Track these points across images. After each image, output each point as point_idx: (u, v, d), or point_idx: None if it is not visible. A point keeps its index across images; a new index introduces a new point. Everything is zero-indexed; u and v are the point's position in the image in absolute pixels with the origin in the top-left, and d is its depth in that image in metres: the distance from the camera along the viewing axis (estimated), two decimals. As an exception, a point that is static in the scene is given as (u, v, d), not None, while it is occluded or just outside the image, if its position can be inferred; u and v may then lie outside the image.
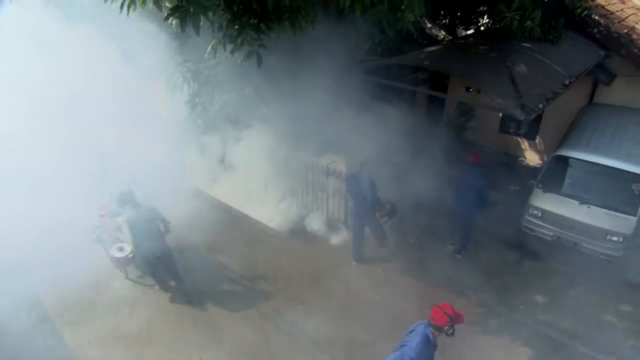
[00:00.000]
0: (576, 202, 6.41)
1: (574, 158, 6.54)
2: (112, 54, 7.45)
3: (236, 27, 3.80)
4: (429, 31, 8.87)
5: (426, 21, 8.47)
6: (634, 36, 7.99)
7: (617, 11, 9.57)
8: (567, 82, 5.85)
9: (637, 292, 6.25)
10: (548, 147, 9.18)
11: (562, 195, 6.54)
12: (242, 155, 7.87)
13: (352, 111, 6.19)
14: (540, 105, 4.90)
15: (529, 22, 5.56)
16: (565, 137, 7.23)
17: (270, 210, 7.90)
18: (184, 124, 7.70)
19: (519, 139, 9.83)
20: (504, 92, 4.83)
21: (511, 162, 9.72)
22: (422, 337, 3.50)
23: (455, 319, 3.50)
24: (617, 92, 8.32)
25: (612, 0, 10.79)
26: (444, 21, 8.69)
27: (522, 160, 9.95)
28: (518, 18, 5.44)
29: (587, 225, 6.29)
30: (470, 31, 8.77)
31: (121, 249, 6.21)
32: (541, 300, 6.17)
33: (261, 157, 7.65)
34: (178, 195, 7.63)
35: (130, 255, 6.16)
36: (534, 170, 9.11)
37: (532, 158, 9.85)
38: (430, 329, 3.54)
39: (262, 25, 3.65)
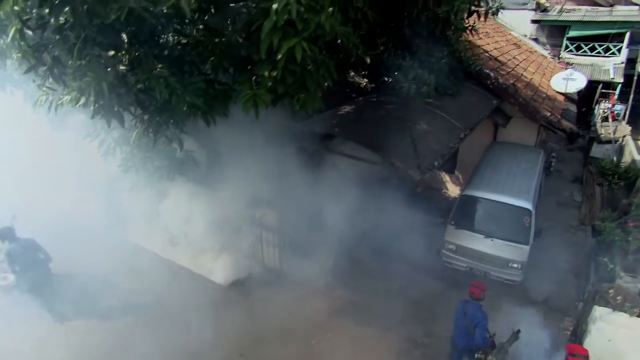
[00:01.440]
0: (482, 236, 7.31)
1: (477, 197, 7.48)
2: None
3: (156, 120, 4.23)
4: (351, 79, 9.71)
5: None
6: (519, 85, 9.35)
7: (509, 60, 11.10)
8: (462, 135, 6.78)
9: (542, 308, 7.15)
10: (465, 179, 10.27)
11: (471, 230, 7.42)
12: (178, 210, 8.10)
13: (280, 169, 6.71)
14: (436, 163, 5.71)
15: (425, 88, 6.41)
16: (472, 176, 8.22)
17: (207, 261, 8.11)
18: (121, 182, 7.89)
19: (440, 174, 10.87)
20: (405, 154, 5.58)
21: (435, 195, 10.67)
22: (479, 308, 5.14)
23: (485, 289, 5.22)
24: (513, 131, 9.60)
25: (507, 49, 12.49)
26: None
27: (445, 192, 10.97)
28: (414, 86, 6.26)
29: (493, 255, 7.21)
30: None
31: (4, 278, 7.04)
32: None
33: (198, 212, 7.92)
34: (109, 248, 7.82)
35: (12, 284, 6.77)
36: (454, 202, 10.08)
37: (453, 190, 10.90)
38: (475, 302, 5.17)
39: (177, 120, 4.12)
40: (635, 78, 14.88)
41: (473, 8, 6.49)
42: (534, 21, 17.25)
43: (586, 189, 11.47)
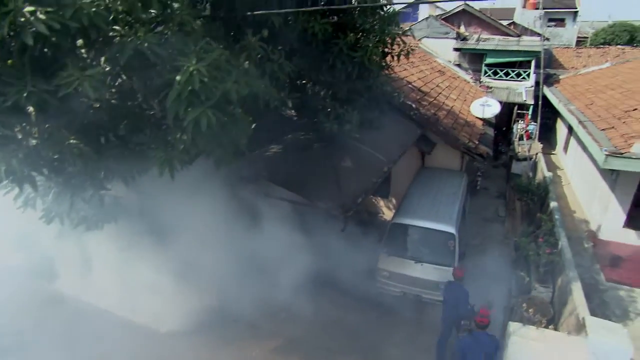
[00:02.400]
0: (412, 262, 7.72)
1: (405, 224, 7.92)
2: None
3: (73, 182, 4.15)
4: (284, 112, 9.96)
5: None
6: (441, 114, 10.08)
7: (432, 88, 11.93)
8: (385, 169, 7.20)
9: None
10: (399, 203, 10.77)
11: (401, 257, 7.82)
12: (109, 258, 7.82)
13: (211, 212, 6.71)
14: (359, 200, 6.02)
15: (348, 125, 6.76)
16: (400, 203, 8.69)
17: (143, 307, 7.84)
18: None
19: (374, 199, 11.32)
20: (329, 194, 5.85)
21: (372, 219, 11.07)
22: (460, 287, 6.42)
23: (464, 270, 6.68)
24: (439, 156, 10.28)
25: (431, 77, 13.41)
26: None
27: (381, 216, 11.41)
28: (336, 127, 6.59)
29: (423, 279, 7.63)
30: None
31: None
32: (395, 352, 7.18)
33: (130, 259, 7.68)
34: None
35: None
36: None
37: (389, 214, 11.37)
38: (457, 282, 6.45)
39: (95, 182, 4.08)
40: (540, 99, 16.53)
41: (387, 50, 6.99)
42: (455, 49, 18.69)
43: (509, 204, 12.45)
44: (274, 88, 5.59)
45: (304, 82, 7.01)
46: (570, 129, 13.76)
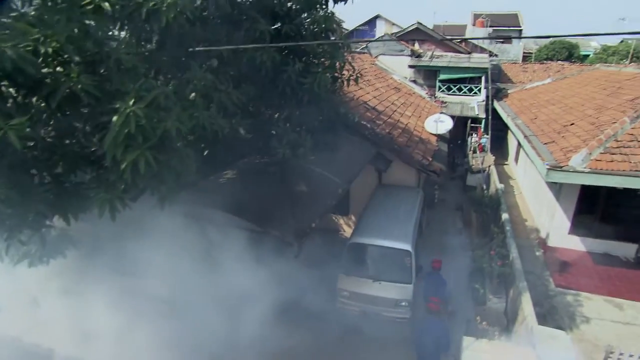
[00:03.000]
0: (371, 280, 7.82)
1: (362, 243, 8.04)
2: None
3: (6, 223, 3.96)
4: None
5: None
6: (395, 132, 10.38)
7: (388, 106, 12.27)
8: (340, 190, 7.31)
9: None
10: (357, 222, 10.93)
11: (360, 276, 7.91)
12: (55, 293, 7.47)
13: (164, 242, 6.55)
14: (313, 225, 6.08)
15: (301, 149, 6.84)
16: (358, 222, 8.82)
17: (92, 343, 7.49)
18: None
19: (334, 217, 11.43)
20: (282, 220, 5.87)
21: (333, 237, 11.15)
22: (440, 276, 7.69)
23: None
24: (396, 173, 10.54)
25: (387, 94, 13.79)
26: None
27: (342, 234, 11.51)
28: (289, 152, 6.65)
29: (382, 297, 7.74)
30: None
31: None
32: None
33: (79, 292, 7.36)
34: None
35: None
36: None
37: (349, 231, 11.49)
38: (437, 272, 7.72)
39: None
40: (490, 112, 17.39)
41: (337, 75, 7.16)
42: (410, 66, 19.37)
43: (466, 216, 12.89)
44: (222, 117, 5.61)
45: (256, 107, 7.05)
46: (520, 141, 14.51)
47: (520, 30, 32.44)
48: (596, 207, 10.93)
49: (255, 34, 5.93)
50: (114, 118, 3.22)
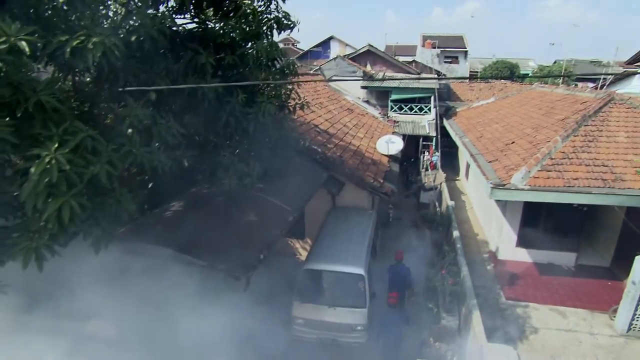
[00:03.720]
0: (325, 307, 7.76)
1: (315, 269, 7.99)
2: None
3: None
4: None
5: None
6: (347, 155, 10.52)
7: (340, 129, 12.44)
8: (291, 218, 7.26)
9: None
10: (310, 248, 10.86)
11: (314, 303, 7.84)
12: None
13: (105, 280, 6.20)
14: (261, 256, 5.98)
15: (248, 179, 6.76)
16: (311, 248, 8.78)
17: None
18: None
19: (290, 241, 11.33)
20: (229, 253, 5.73)
21: (288, 262, 11.00)
22: (403, 266, 8.73)
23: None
24: (349, 195, 10.64)
25: (339, 116, 13.99)
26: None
27: (298, 258, 11.40)
28: (236, 182, 6.56)
29: (337, 323, 7.69)
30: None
31: None
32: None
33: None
34: None
35: None
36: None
37: (305, 255, 11.40)
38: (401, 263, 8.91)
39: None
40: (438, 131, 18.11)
41: (282, 103, 7.20)
42: (363, 87, 19.88)
43: (420, 234, 13.17)
44: (164, 150, 5.45)
45: (203, 137, 6.93)
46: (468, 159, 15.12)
47: (466, 51, 34.29)
48: (539, 220, 11.54)
49: (197, 65, 5.86)
50: (32, 168, 3.03)
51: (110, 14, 5.97)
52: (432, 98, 19.14)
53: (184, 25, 6.80)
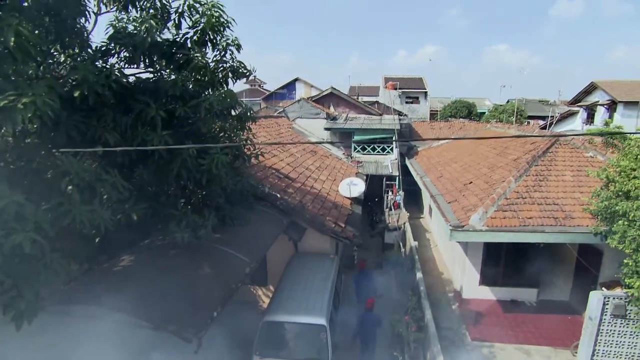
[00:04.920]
0: (286, 361, 7.41)
1: (276, 321, 7.68)
2: None
3: None
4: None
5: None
6: (308, 198, 10.47)
7: (302, 172, 12.44)
8: (248, 270, 7.02)
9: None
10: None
11: (275, 357, 7.46)
12: None
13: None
14: (215, 314, 5.68)
15: (202, 231, 6.54)
16: (272, 298, 8.48)
17: None
18: None
19: (252, 288, 10.95)
20: (180, 312, 5.42)
21: (250, 312, 10.56)
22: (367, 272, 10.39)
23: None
24: (311, 241, 10.49)
25: (302, 159, 14.02)
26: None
27: (260, 306, 10.98)
28: (189, 235, 6.34)
29: (299, 378, 7.31)
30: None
31: None
32: None
33: None
34: None
35: None
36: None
37: (268, 302, 11.02)
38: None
39: None
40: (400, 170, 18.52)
41: (237, 153, 7.14)
42: (326, 129, 20.24)
43: (384, 276, 13.06)
44: (111, 205, 5.21)
45: (155, 189, 6.71)
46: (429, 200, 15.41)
47: (426, 91, 35.94)
48: (500, 258, 11.76)
49: (146, 118, 5.75)
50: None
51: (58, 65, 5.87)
52: (394, 138, 19.70)
53: (137, 76, 6.75)
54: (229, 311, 9.12)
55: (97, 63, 5.68)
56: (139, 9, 6.48)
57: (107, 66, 5.74)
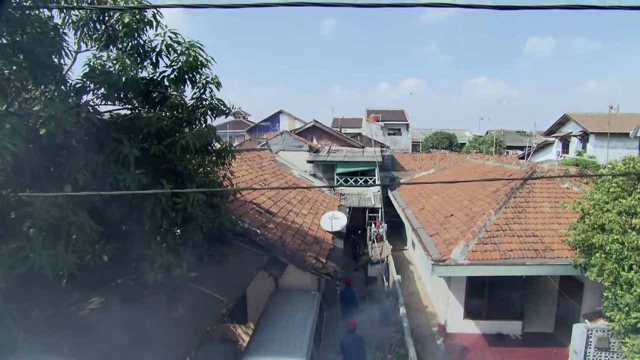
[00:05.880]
0: (265, 407, 7.04)
1: (255, 365, 7.35)
2: None
3: None
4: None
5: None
6: (289, 233, 10.32)
7: (283, 206, 12.32)
8: (224, 310, 6.77)
9: None
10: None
11: (253, 403, 7.09)
12: None
13: None
14: (188, 359, 5.41)
15: (177, 271, 6.32)
16: (251, 337, 8.16)
17: None
18: None
19: (231, 325, 10.57)
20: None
21: (229, 350, 10.15)
22: (351, 289, 11.63)
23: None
24: (292, 277, 10.26)
25: (283, 193, 13.93)
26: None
27: (241, 344, 10.56)
28: (162, 275, 6.12)
29: None
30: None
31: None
32: None
33: None
34: None
35: None
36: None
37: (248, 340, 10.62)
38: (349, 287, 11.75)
39: None
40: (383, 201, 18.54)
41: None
42: (309, 161, 20.32)
43: (367, 311, 12.79)
44: (74, 250, 5.00)
45: (128, 227, 6.50)
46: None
47: (407, 124, 36.72)
48: (483, 291, 11.68)
49: (119, 156, 5.64)
50: None
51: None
52: (377, 171, 19.86)
53: (114, 112, 6.69)
54: (205, 351, 8.78)
55: (70, 100, 5.61)
56: (118, 47, 6.50)
57: (80, 103, 5.66)
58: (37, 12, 5.37)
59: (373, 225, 17.69)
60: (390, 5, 2.92)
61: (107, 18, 6.27)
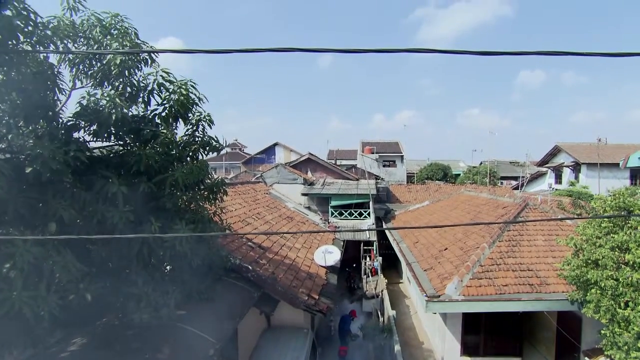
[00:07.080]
0: None
1: (243, 410, 7.04)
2: None
3: None
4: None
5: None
6: (281, 269, 10.16)
7: (276, 241, 12.19)
8: (212, 352, 6.55)
9: None
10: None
11: None
12: None
13: None
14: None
15: (164, 310, 6.16)
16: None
17: None
18: None
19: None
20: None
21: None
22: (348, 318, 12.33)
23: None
24: (284, 314, 10.03)
25: (277, 226, 13.83)
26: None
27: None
28: (149, 315, 5.95)
29: None
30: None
31: None
32: None
33: None
34: None
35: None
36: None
37: (239, 382, 10.23)
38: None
39: None
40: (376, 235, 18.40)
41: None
42: (303, 194, 20.31)
43: (362, 347, 12.44)
44: (57, 290, 4.88)
45: (114, 265, 6.38)
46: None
47: (402, 155, 37.10)
48: (480, 327, 11.41)
49: (107, 194, 5.60)
50: None
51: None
52: (371, 203, 19.84)
53: (105, 148, 6.70)
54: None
55: (61, 137, 5.63)
56: (112, 85, 6.59)
57: (70, 141, 5.68)
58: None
59: (368, 258, 17.48)
60: (380, 51, 3.00)
61: (102, 56, 6.40)
